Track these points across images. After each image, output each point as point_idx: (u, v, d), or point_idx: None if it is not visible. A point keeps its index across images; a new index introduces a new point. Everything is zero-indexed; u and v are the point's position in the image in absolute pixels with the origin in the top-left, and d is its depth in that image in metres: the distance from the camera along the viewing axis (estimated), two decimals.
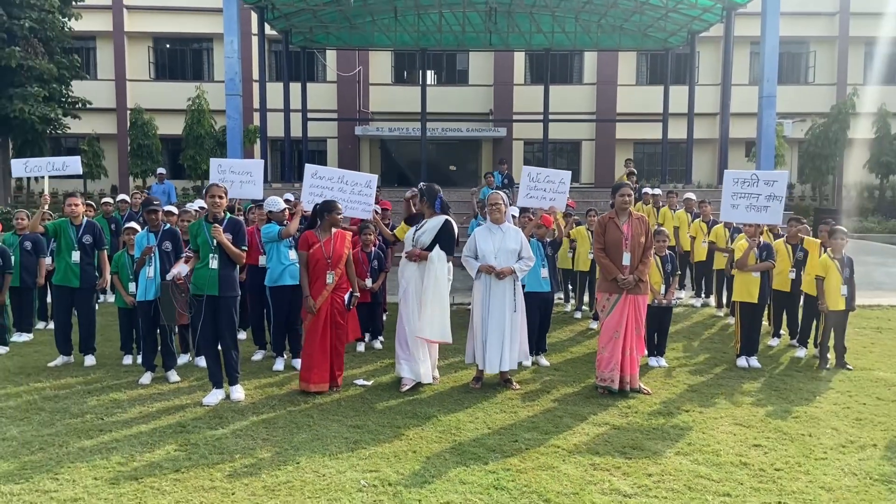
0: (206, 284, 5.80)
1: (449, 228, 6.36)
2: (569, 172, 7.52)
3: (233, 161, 7.64)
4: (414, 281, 6.26)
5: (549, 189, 7.36)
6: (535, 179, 7.39)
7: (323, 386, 6.09)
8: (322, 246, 6.17)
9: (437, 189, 6.41)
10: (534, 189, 7.38)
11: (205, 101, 25.64)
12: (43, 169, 7.80)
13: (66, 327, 7.18)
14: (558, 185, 7.37)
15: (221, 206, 5.92)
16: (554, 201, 7.36)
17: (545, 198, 7.36)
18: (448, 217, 6.41)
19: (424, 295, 6.17)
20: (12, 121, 20.89)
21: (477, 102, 28.98)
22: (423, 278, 6.21)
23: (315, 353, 6.07)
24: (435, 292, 6.19)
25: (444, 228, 6.32)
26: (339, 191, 7.12)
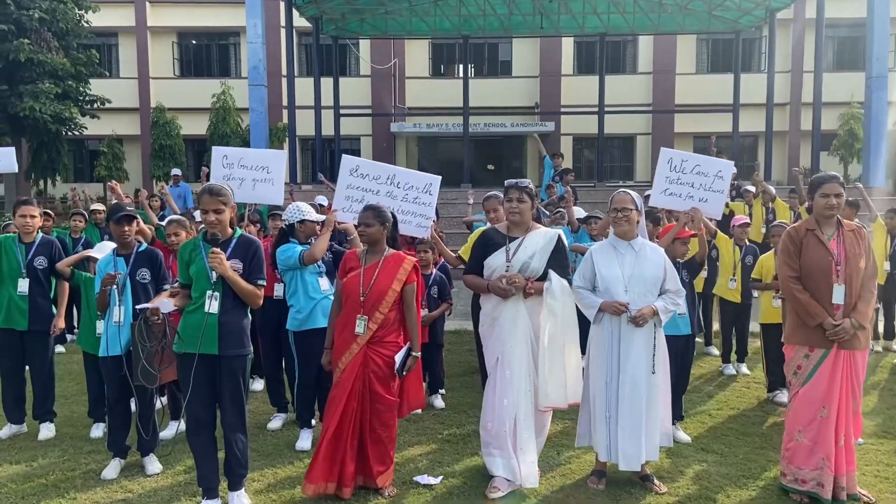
0: (201, 338, 3.75)
1: (564, 247, 4.26)
2: (731, 163, 5.32)
3: (244, 151, 5.49)
4: (521, 326, 4.14)
5: (697, 185, 5.20)
6: (679, 169, 5.21)
7: (325, 488, 4.02)
8: (361, 275, 4.11)
9: (531, 187, 4.28)
10: (676, 183, 5.21)
11: (230, 98, 23.96)
12: None
13: (14, 383, 5.22)
14: (713, 179, 5.19)
15: (221, 222, 3.86)
16: (705, 203, 5.20)
17: (691, 196, 5.19)
18: (559, 231, 4.31)
19: (547, 346, 4.07)
20: (24, 120, 19.31)
21: (521, 95, 26.83)
22: (541, 320, 4.10)
23: (333, 434, 4.03)
24: (564, 339, 4.10)
25: (560, 247, 4.21)
26: (387, 195, 5.03)
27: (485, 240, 4.33)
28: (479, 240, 4.39)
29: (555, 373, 4.09)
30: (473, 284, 4.32)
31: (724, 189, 5.25)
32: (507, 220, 4.30)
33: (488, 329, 4.27)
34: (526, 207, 4.21)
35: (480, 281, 4.23)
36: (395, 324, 4.14)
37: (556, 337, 4.10)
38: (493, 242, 4.27)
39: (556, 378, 4.09)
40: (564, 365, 4.12)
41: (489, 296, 4.23)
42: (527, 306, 4.15)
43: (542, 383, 4.09)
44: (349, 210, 5.05)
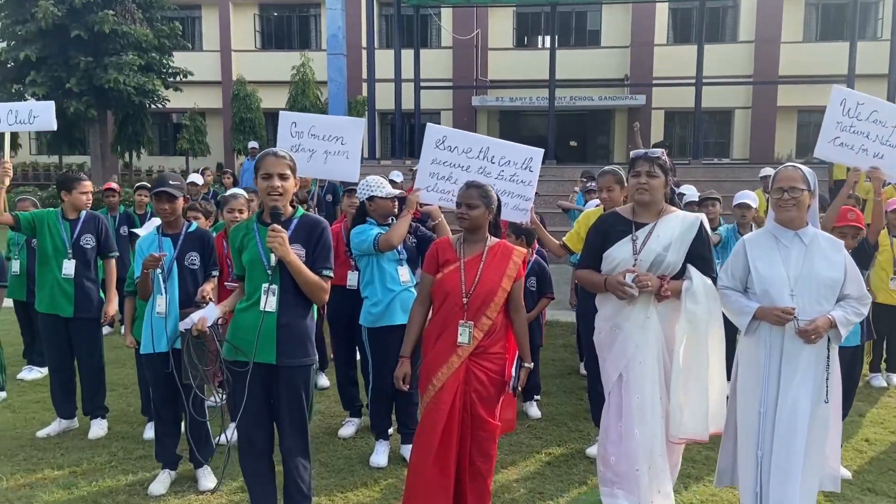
0: (257, 343, 3.04)
1: (708, 236, 3.33)
2: None
3: (315, 118, 4.69)
4: (652, 337, 3.25)
5: (874, 136, 4.15)
6: (854, 114, 4.18)
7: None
8: (462, 270, 3.30)
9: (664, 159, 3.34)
10: (849, 131, 4.18)
11: (310, 71, 23.61)
12: (1, 121, 4.87)
13: (62, 375, 4.70)
14: (892, 131, 4.12)
15: (286, 191, 3.11)
16: (880, 159, 4.15)
17: (865, 149, 4.18)
18: (701, 216, 3.38)
19: (685, 361, 3.18)
20: (109, 92, 19.41)
21: (610, 67, 25.35)
22: (677, 330, 3.21)
23: (428, 470, 3.23)
24: (707, 354, 3.19)
25: (702, 236, 3.29)
26: (479, 172, 4.19)
27: (603, 226, 3.43)
28: (595, 226, 3.49)
29: (694, 396, 3.19)
30: (589, 282, 3.44)
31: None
32: (634, 201, 3.38)
33: (607, 338, 3.39)
34: (658, 184, 3.27)
35: (598, 278, 3.34)
36: (501, 330, 3.32)
37: (696, 351, 3.19)
38: (614, 230, 3.36)
39: (696, 402, 3.19)
40: (707, 386, 3.22)
41: (608, 296, 3.35)
42: (658, 312, 3.25)
43: (675, 408, 3.19)
44: (434, 189, 4.24)
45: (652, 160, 3.27)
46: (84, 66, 18.82)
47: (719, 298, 3.26)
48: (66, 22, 18.41)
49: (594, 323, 3.49)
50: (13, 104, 4.99)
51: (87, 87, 19.15)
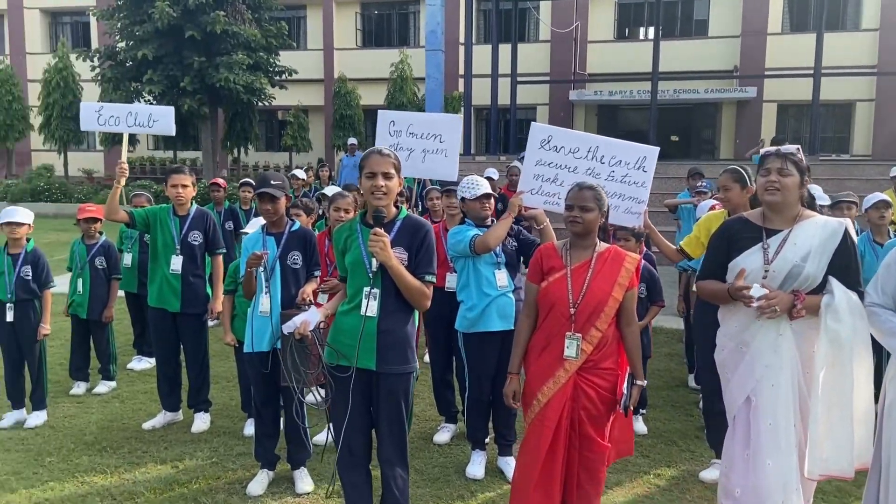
0: (358, 348, 2.95)
1: (854, 245, 2.95)
2: None
3: (413, 116, 4.59)
4: (786, 358, 2.92)
5: None
6: None
7: None
8: (569, 277, 3.09)
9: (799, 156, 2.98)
10: None
11: (408, 67, 23.80)
12: (121, 122, 5.07)
13: (169, 368, 4.82)
14: None
15: (390, 191, 2.99)
16: None
17: None
18: (845, 221, 3.00)
19: (824, 388, 2.84)
20: (220, 90, 20.22)
21: (718, 58, 24.11)
22: (817, 352, 2.87)
23: (531, 493, 3.03)
24: (853, 380, 2.82)
25: (847, 245, 2.90)
26: (588, 173, 3.93)
27: (729, 232, 3.09)
28: (720, 232, 3.16)
29: (837, 427, 2.83)
30: (712, 293, 3.11)
31: None
32: (763, 203, 3.04)
33: (731, 356, 3.07)
34: (792, 183, 2.90)
35: (722, 288, 3.02)
36: (613, 343, 3.09)
37: (840, 376, 2.83)
38: (741, 236, 3.01)
39: (839, 435, 2.83)
40: (852, 416, 2.85)
41: (734, 310, 3.03)
42: (794, 329, 2.90)
43: (814, 441, 2.84)
44: (539, 192, 4.02)
45: (784, 156, 2.92)
46: (197, 66, 19.67)
47: (866, 316, 2.88)
48: (180, 22, 19.28)
49: (715, 339, 3.17)
50: (134, 106, 5.18)
51: (199, 85, 20.02)
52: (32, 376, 4.83)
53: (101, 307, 5.49)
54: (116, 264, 5.61)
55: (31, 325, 4.75)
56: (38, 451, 4.34)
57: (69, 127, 22.99)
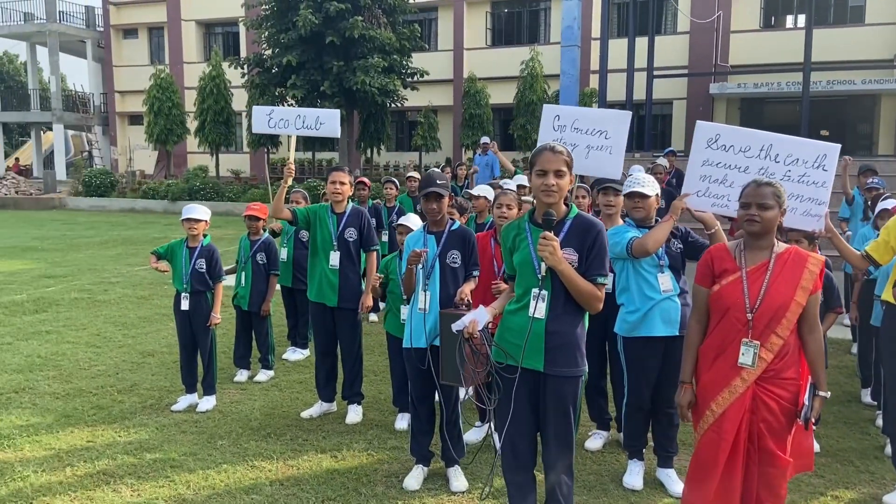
0: (524, 348, 2.92)
1: None
2: None
3: (580, 111, 4.42)
4: None
5: None
6: None
7: None
8: (745, 280, 2.90)
9: None
10: None
11: (538, 65, 23.59)
12: (290, 124, 5.41)
13: (327, 360, 5.00)
14: None
15: (562, 189, 2.91)
16: None
17: None
18: None
19: None
20: (356, 93, 20.96)
21: (876, 46, 22.16)
22: None
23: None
24: None
25: None
26: (760, 173, 3.65)
27: None
28: None
29: None
30: None
31: None
32: None
33: None
34: None
35: None
36: (795, 352, 2.88)
37: None
38: None
39: None
40: None
41: None
42: None
43: None
44: (706, 194, 3.81)
45: None
46: (336, 70, 20.49)
47: None
48: (321, 29, 20.15)
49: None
50: (302, 109, 5.47)
51: (338, 88, 20.85)
52: (204, 363, 5.19)
53: (261, 300, 5.81)
54: (275, 260, 5.91)
55: (203, 314, 5.10)
56: (210, 434, 4.64)
57: (221, 130, 24.67)
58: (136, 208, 23.21)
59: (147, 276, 10.40)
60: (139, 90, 28.44)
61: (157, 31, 32.78)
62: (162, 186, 23.65)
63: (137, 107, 28.90)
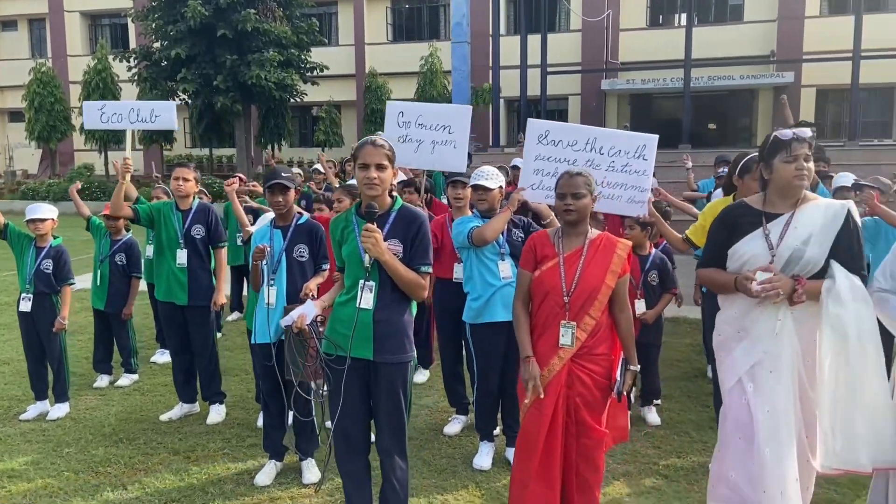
0: (354, 338, 2.96)
1: (858, 227, 2.85)
2: None
3: (422, 107, 4.57)
4: (787, 347, 2.83)
5: None
6: None
7: None
8: (562, 266, 3.06)
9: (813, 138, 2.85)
10: None
11: (437, 60, 23.82)
12: (123, 119, 5.14)
13: (182, 360, 4.89)
14: None
15: (384, 182, 2.98)
16: None
17: None
18: (848, 203, 2.90)
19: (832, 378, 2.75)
20: (252, 88, 20.51)
21: (754, 43, 23.64)
22: (822, 341, 2.76)
23: (531, 482, 3.02)
24: (863, 370, 2.72)
25: (850, 227, 2.79)
26: (588, 165, 3.90)
27: (730, 218, 2.98)
28: (720, 218, 3.05)
29: (848, 419, 2.73)
30: (713, 281, 3.03)
31: None
32: (779, 188, 2.84)
33: (729, 341, 2.97)
34: (812, 169, 2.81)
35: (725, 277, 2.92)
36: (606, 330, 3.07)
37: (846, 365, 2.72)
38: (742, 221, 2.91)
39: (851, 427, 2.73)
40: (863, 406, 2.75)
41: (733, 297, 2.94)
42: (794, 317, 2.81)
43: (824, 433, 2.75)
44: (540, 187, 3.99)
45: (808, 142, 2.82)
46: (229, 64, 19.98)
47: (871, 301, 2.77)
48: (212, 21, 19.60)
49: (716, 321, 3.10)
50: (136, 102, 5.27)
51: (232, 83, 20.35)
52: (53, 369, 4.97)
53: (122, 303, 5.62)
54: (137, 262, 5.72)
55: (48, 318, 4.88)
56: (57, 442, 4.46)
57: None
58: (15, 210, 21.84)
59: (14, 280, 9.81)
60: (19, 85, 26.83)
61: (38, 22, 30.99)
62: (42, 186, 22.39)
63: (18, 103, 27.26)
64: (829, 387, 2.73)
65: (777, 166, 2.80)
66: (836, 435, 2.72)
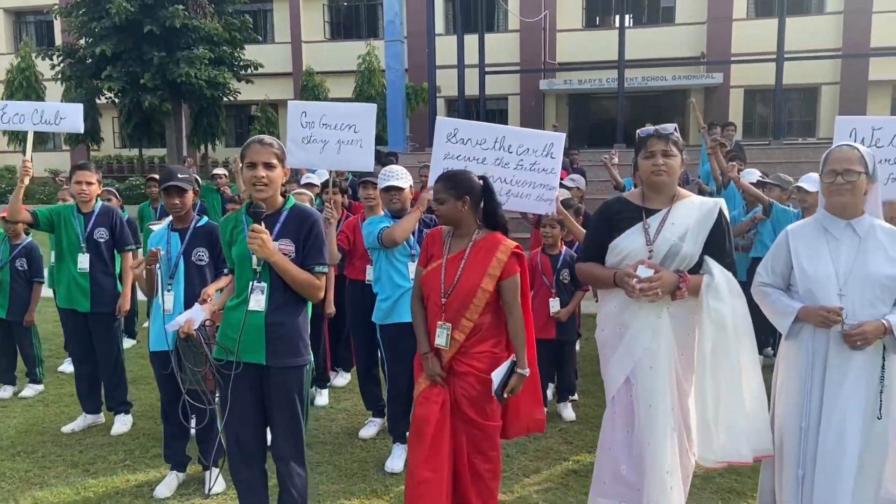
0: (244, 342, 2.87)
1: (728, 224, 2.92)
2: None
3: (326, 106, 4.42)
4: (664, 342, 2.88)
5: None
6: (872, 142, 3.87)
7: None
8: (443, 267, 3.06)
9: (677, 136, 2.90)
10: None
11: (375, 59, 23.62)
12: (26, 119, 4.89)
13: (85, 369, 4.68)
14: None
15: (272, 182, 2.91)
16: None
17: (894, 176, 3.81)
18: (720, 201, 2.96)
19: (713, 371, 2.79)
20: (182, 86, 19.95)
21: (685, 45, 24.20)
22: (701, 334, 2.80)
23: (419, 471, 2.99)
24: (740, 362, 2.79)
25: (722, 223, 2.86)
26: (496, 163, 3.91)
27: (609, 213, 2.98)
28: (599, 213, 3.05)
29: (730, 412, 2.79)
30: (593, 277, 3.03)
31: None
32: (649, 185, 2.93)
33: (611, 337, 2.98)
34: (676, 164, 2.84)
35: (604, 272, 2.93)
36: (491, 329, 3.05)
37: (726, 357, 2.78)
38: (622, 217, 2.93)
39: (734, 420, 2.79)
40: (743, 398, 2.81)
41: (613, 292, 2.95)
42: (671, 312, 2.85)
43: (706, 426, 2.80)
44: None
45: (666, 137, 2.86)
46: (157, 61, 19.39)
47: (744, 296, 2.85)
48: (139, 17, 18.98)
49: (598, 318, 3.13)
50: (40, 104, 5.03)
51: (161, 81, 19.74)
52: None
53: (23, 309, 5.36)
54: (39, 267, 5.46)
55: None
56: None
57: None
58: None
59: None
60: None
61: None
62: None
63: None
64: (710, 380, 2.78)
65: (640, 163, 2.88)
66: (720, 428, 2.77)
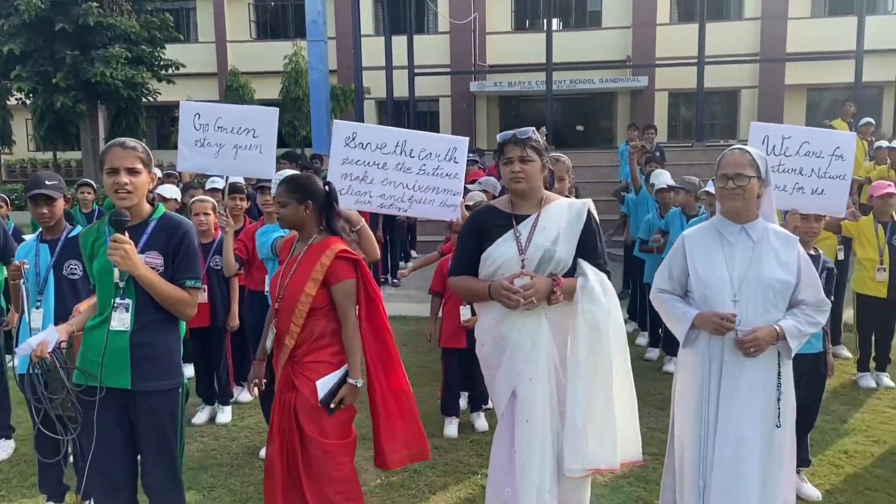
0: (107, 364, 2.61)
1: (598, 224, 2.84)
2: (852, 135, 4.21)
3: (222, 108, 4.21)
4: (544, 350, 2.77)
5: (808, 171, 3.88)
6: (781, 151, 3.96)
7: None
8: (282, 272, 3.03)
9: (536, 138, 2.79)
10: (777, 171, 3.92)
11: (302, 59, 23.15)
12: None
13: None
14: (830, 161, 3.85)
15: (137, 188, 2.66)
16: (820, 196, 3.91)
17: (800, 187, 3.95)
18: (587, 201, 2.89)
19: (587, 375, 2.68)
20: (97, 86, 19.06)
21: (612, 49, 24.65)
22: (576, 338, 2.70)
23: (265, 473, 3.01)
24: (612, 365, 2.71)
25: (592, 225, 2.79)
26: (398, 168, 3.79)
27: (479, 223, 2.88)
28: (469, 223, 2.95)
29: (602, 416, 2.70)
30: (466, 290, 2.91)
31: (845, 174, 3.77)
32: (511, 192, 2.86)
33: (493, 351, 2.86)
34: (535, 169, 2.76)
35: (478, 285, 2.80)
36: (333, 337, 2.94)
37: (600, 361, 2.69)
38: (492, 225, 2.82)
39: (602, 426, 2.69)
40: (614, 403, 2.73)
41: (488, 304, 2.83)
42: (549, 318, 2.76)
43: (576, 433, 2.68)
44: (349, 192, 3.80)
45: (523, 142, 2.76)
46: (70, 60, 18.49)
47: (618, 299, 2.79)
48: (50, 14, 18.06)
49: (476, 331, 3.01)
50: None
51: (74, 81, 18.83)
52: None
53: None
54: None
55: None
56: None
57: None
58: None
59: None
60: None
61: None
62: None
63: None
64: (583, 384, 2.68)
65: (501, 169, 2.81)
66: (590, 434, 2.67)
